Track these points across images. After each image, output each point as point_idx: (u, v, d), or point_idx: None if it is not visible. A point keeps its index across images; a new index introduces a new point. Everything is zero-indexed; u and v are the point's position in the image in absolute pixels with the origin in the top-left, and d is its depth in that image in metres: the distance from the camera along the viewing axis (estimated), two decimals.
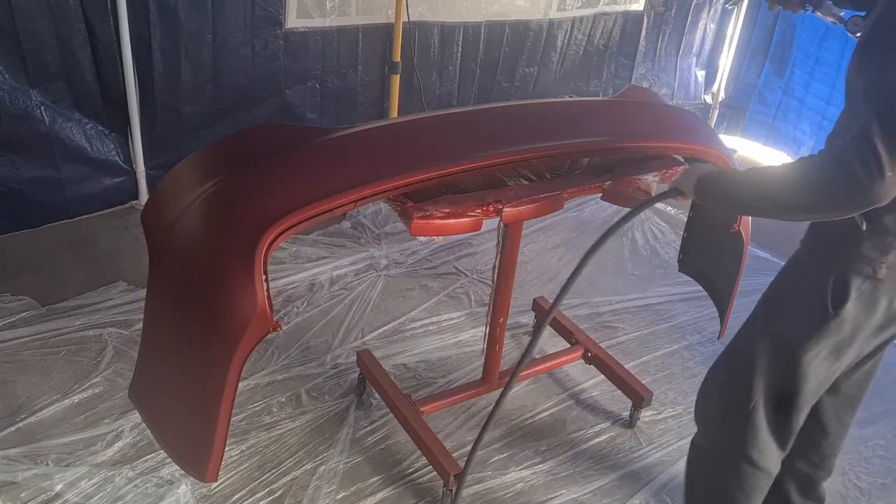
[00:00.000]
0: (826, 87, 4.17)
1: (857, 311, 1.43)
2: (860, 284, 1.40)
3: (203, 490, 1.98)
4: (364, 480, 2.08)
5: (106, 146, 3.15)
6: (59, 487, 1.93)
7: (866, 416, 2.53)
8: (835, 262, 1.42)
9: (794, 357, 1.49)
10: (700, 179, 1.53)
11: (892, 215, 1.35)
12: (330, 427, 2.25)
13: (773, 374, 1.54)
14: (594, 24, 4.47)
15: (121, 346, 2.48)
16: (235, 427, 2.20)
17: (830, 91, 4.13)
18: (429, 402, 2.19)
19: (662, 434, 2.37)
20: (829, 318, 1.43)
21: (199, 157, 1.77)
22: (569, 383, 2.56)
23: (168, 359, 1.70)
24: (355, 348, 2.59)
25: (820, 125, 4.22)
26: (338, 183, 1.57)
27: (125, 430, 2.14)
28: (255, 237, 1.44)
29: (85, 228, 3.16)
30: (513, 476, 2.15)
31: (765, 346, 1.55)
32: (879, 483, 2.27)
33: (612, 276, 3.25)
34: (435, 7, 3.74)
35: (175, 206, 1.64)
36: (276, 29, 3.30)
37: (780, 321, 1.54)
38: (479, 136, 1.86)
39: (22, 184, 2.96)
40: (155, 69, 3.06)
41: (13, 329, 2.51)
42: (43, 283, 2.76)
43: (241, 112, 3.41)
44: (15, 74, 2.78)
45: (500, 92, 4.28)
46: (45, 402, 2.22)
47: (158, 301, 1.70)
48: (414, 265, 3.16)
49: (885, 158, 1.17)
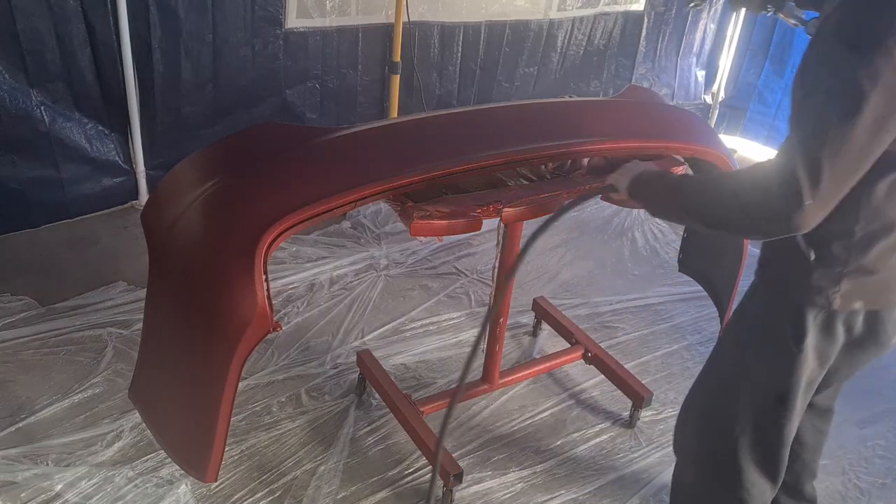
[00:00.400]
0: None
1: (818, 341, 1.37)
2: (815, 315, 1.34)
3: (203, 490, 1.98)
4: (364, 480, 2.08)
5: (106, 146, 3.15)
6: (59, 487, 1.93)
7: (866, 416, 2.53)
8: (789, 296, 1.37)
9: (776, 403, 1.43)
10: (635, 178, 1.48)
11: (841, 243, 1.29)
12: (330, 427, 2.25)
13: (756, 420, 1.47)
14: (594, 25, 4.47)
15: (121, 346, 2.48)
16: (235, 427, 2.20)
17: None
18: (429, 402, 2.18)
19: (662, 434, 2.37)
20: (795, 355, 1.37)
21: (198, 157, 1.77)
22: (569, 383, 2.56)
23: (168, 359, 1.70)
24: (355, 348, 2.59)
25: None
26: (338, 183, 1.57)
27: (125, 430, 2.14)
28: (255, 237, 1.44)
29: (85, 228, 3.16)
30: (513, 476, 2.15)
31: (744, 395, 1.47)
32: (879, 483, 2.27)
33: (612, 276, 3.25)
34: (435, 7, 3.74)
35: (175, 206, 1.64)
36: (276, 29, 3.30)
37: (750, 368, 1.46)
38: (479, 137, 1.86)
39: (22, 184, 2.96)
40: (155, 69, 3.07)
41: (13, 329, 2.51)
42: (43, 283, 2.76)
43: (241, 112, 3.41)
44: (15, 74, 2.78)
45: (501, 92, 4.28)
46: (45, 402, 2.22)
47: (158, 301, 1.70)
48: (414, 265, 3.16)
49: (806, 186, 1.12)
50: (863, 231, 1.26)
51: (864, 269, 1.29)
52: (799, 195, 1.12)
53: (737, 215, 1.24)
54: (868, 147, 1.13)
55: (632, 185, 1.49)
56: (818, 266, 1.31)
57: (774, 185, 1.16)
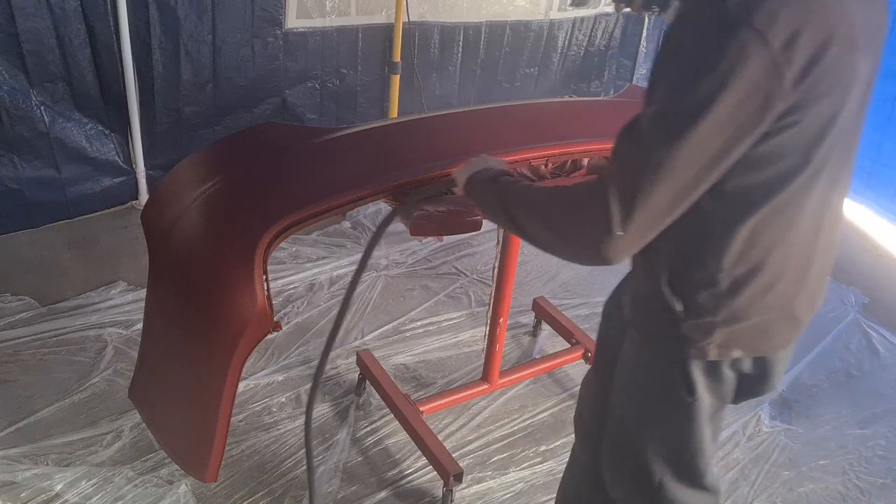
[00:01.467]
0: None
1: (711, 387, 1.23)
2: (700, 367, 1.20)
3: (203, 490, 1.98)
4: (364, 480, 2.08)
5: (106, 146, 3.15)
6: (59, 487, 1.93)
7: (866, 416, 2.53)
8: (667, 350, 1.23)
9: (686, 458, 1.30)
10: (472, 175, 1.33)
11: (707, 292, 1.13)
12: (330, 427, 2.25)
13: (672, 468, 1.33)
14: (595, 25, 4.47)
15: (121, 346, 2.48)
16: (235, 427, 2.20)
17: None
18: (429, 402, 2.19)
19: None
20: (690, 404, 1.23)
21: (199, 157, 1.78)
22: (569, 383, 2.56)
23: (168, 359, 1.71)
24: (355, 348, 2.59)
25: None
26: (338, 183, 1.57)
27: (125, 430, 2.14)
28: (255, 237, 1.44)
29: (85, 228, 3.16)
30: (513, 476, 2.15)
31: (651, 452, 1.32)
32: (879, 483, 2.27)
33: (613, 276, 3.23)
34: (435, 7, 3.74)
35: (175, 207, 1.64)
36: (275, 29, 3.30)
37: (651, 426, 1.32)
38: (480, 137, 1.87)
39: (22, 184, 2.96)
40: (155, 69, 3.07)
41: (13, 329, 2.51)
42: (43, 283, 2.76)
43: (241, 112, 3.41)
44: (15, 74, 2.78)
45: (501, 92, 4.28)
46: (45, 402, 2.22)
47: (158, 301, 1.70)
48: (414, 265, 3.16)
49: (617, 216, 0.98)
50: (728, 279, 1.11)
51: (735, 317, 1.14)
52: (609, 224, 0.99)
53: (550, 235, 1.13)
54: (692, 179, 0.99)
55: (468, 182, 1.34)
56: (687, 317, 1.16)
57: (587, 208, 1.03)
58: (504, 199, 1.22)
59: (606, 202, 0.99)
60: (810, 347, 2.82)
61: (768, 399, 2.55)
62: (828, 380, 2.69)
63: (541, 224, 1.14)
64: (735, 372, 1.22)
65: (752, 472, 2.25)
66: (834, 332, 2.94)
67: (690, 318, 1.16)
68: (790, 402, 2.56)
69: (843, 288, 3.21)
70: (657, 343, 1.26)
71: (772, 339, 1.21)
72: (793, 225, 1.10)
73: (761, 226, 1.08)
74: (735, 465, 2.27)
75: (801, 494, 2.20)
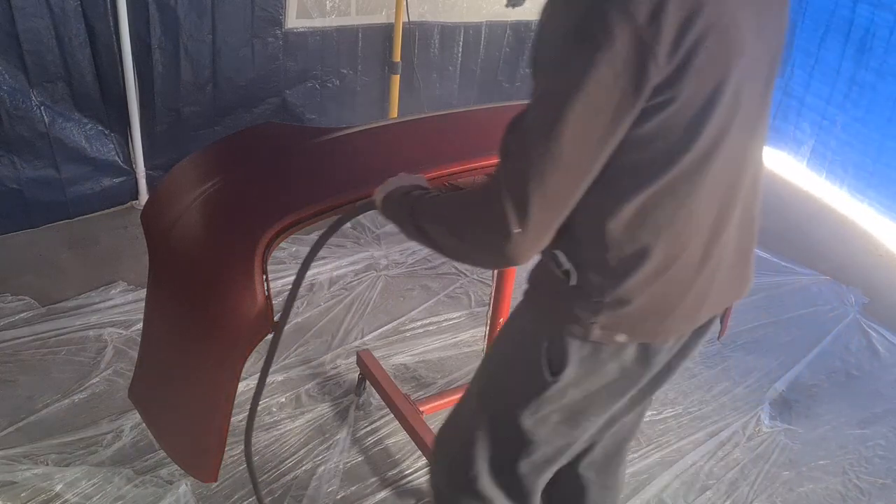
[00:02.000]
0: (826, 87, 4.16)
1: (582, 375, 1.19)
2: (579, 348, 1.16)
3: (203, 490, 1.98)
4: (364, 480, 2.08)
5: (106, 146, 3.15)
6: (59, 487, 1.93)
7: (866, 416, 2.53)
8: (549, 322, 1.19)
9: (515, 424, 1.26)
10: (387, 195, 1.26)
11: (597, 271, 1.10)
12: (330, 427, 2.25)
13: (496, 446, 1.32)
14: None
15: (121, 346, 2.48)
16: (235, 427, 2.19)
17: (830, 91, 4.13)
18: (429, 402, 2.18)
19: (662, 434, 2.37)
20: (549, 384, 1.19)
21: (199, 157, 1.78)
22: None
23: (168, 359, 1.70)
24: (355, 348, 2.59)
25: (820, 125, 4.22)
26: (338, 183, 1.57)
27: (125, 430, 2.14)
28: (255, 237, 1.44)
29: (85, 228, 3.16)
30: None
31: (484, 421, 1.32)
32: (879, 483, 2.27)
33: None
34: (435, 7, 3.74)
35: (175, 207, 1.64)
36: (275, 29, 3.30)
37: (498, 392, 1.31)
38: (480, 136, 1.86)
39: (22, 184, 2.96)
40: (155, 69, 3.07)
41: (13, 329, 2.51)
42: (43, 283, 2.76)
43: (241, 112, 3.41)
44: (15, 74, 2.78)
45: (502, 93, 4.28)
46: (45, 402, 2.22)
47: (158, 301, 1.70)
48: (414, 265, 3.16)
49: (512, 213, 0.96)
50: (616, 259, 1.08)
51: (621, 300, 1.11)
52: (506, 223, 0.97)
53: (455, 242, 1.09)
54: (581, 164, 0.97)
55: (383, 203, 1.28)
56: (579, 294, 1.13)
57: (483, 210, 1.01)
58: (414, 213, 1.17)
59: (500, 201, 0.97)
60: (810, 347, 2.83)
61: (769, 399, 2.55)
62: (828, 380, 2.69)
63: (446, 232, 1.11)
64: (619, 366, 1.19)
65: (752, 472, 2.25)
66: (834, 332, 2.94)
67: (582, 296, 1.13)
68: (790, 402, 2.56)
69: (843, 288, 3.22)
70: (537, 318, 1.23)
71: (658, 325, 1.16)
72: (684, 209, 1.06)
73: (650, 206, 1.04)
74: (735, 465, 2.27)
75: (801, 494, 2.20)
